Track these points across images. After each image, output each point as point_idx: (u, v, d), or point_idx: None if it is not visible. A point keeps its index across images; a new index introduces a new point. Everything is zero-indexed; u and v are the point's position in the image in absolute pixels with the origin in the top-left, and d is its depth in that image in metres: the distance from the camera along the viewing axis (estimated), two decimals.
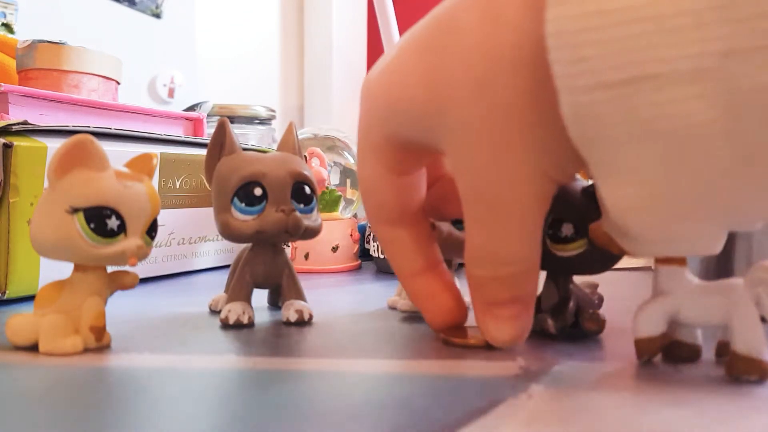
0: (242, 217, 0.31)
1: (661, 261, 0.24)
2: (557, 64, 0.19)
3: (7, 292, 0.35)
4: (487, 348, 0.27)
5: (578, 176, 0.29)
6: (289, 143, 0.35)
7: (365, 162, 0.28)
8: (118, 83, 0.54)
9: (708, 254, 0.23)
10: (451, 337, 0.28)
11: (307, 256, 0.50)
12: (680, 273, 0.24)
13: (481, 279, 0.25)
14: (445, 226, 0.32)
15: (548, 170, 0.22)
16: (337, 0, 1.78)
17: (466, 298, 0.36)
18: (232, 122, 0.37)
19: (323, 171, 0.52)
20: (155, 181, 0.44)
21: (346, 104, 1.80)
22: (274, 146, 0.83)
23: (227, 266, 0.48)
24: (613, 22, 0.18)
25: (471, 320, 0.33)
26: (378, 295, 0.41)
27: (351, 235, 0.52)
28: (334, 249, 0.50)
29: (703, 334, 0.26)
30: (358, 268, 0.53)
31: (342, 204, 0.54)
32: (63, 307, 0.26)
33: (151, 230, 0.27)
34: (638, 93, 0.18)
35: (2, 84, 0.41)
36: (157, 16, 1.28)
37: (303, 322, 0.32)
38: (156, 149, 0.44)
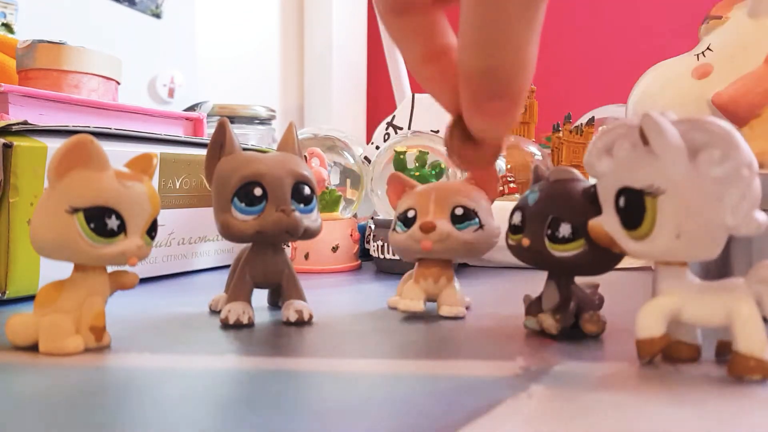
0: (242, 217, 0.31)
1: (662, 262, 0.24)
2: None
3: (7, 292, 0.35)
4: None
5: (580, 176, 0.29)
6: (289, 143, 0.35)
7: None
8: (118, 83, 0.54)
9: (709, 258, 0.23)
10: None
11: (307, 256, 0.50)
12: (681, 273, 0.24)
13: (472, 70, 0.23)
14: (446, 226, 0.32)
15: None
16: (337, 0, 1.78)
17: (467, 299, 0.36)
18: (232, 122, 0.37)
19: (323, 171, 0.52)
20: (155, 181, 0.44)
21: (346, 104, 1.80)
22: (274, 146, 0.82)
23: (227, 266, 0.48)
24: None
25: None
26: (378, 295, 0.41)
27: (351, 235, 0.52)
28: (334, 249, 0.50)
29: (703, 334, 0.26)
30: (358, 268, 0.53)
31: (342, 204, 0.54)
32: (63, 307, 0.26)
33: (151, 230, 0.27)
34: None
35: (2, 84, 0.41)
36: (157, 16, 1.28)
37: (303, 322, 0.32)
38: (156, 149, 0.44)
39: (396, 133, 0.66)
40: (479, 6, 0.22)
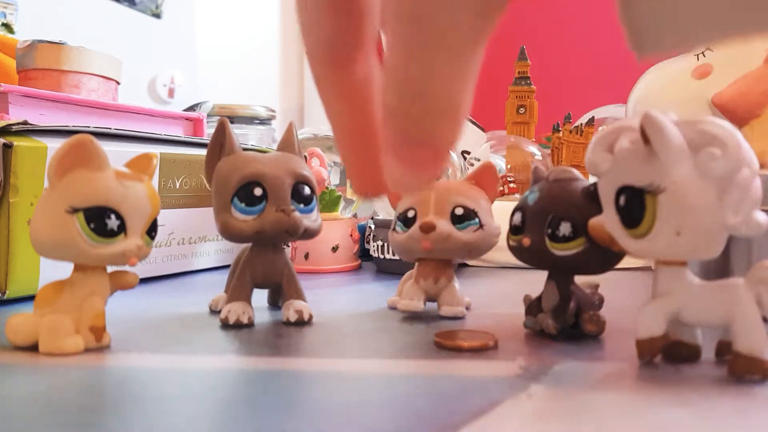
0: (242, 217, 0.31)
1: (662, 261, 0.24)
2: None
3: (7, 292, 0.35)
4: (479, 350, 0.27)
5: (580, 175, 0.29)
6: (289, 143, 0.35)
7: None
8: (118, 83, 0.54)
9: (709, 257, 0.23)
10: (443, 340, 0.28)
11: (307, 256, 0.50)
12: (681, 273, 0.24)
13: (394, 110, 0.19)
14: (446, 226, 0.32)
15: None
16: None
17: (467, 299, 0.36)
18: (232, 122, 0.37)
19: (323, 171, 0.52)
20: (155, 181, 0.44)
21: None
22: (274, 146, 0.82)
23: (227, 266, 0.48)
24: None
25: (463, 324, 0.33)
26: (378, 295, 0.41)
27: (351, 235, 0.52)
28: (334, 249, 0.50)
29: (703, 334, 0.26)
30: (358, 268, 0.53)
31: (342, 204, 0.54)
32: (63, 307, 0.26)
33: (151, 230, 0.27)
34: None
35: (2, 84, 0.41)
36: (157, 16, 1.28)
37: (303, 322, 0.32)
38: (156, 149, 0.44)
39: None
40: (408, 46, 0.18)
